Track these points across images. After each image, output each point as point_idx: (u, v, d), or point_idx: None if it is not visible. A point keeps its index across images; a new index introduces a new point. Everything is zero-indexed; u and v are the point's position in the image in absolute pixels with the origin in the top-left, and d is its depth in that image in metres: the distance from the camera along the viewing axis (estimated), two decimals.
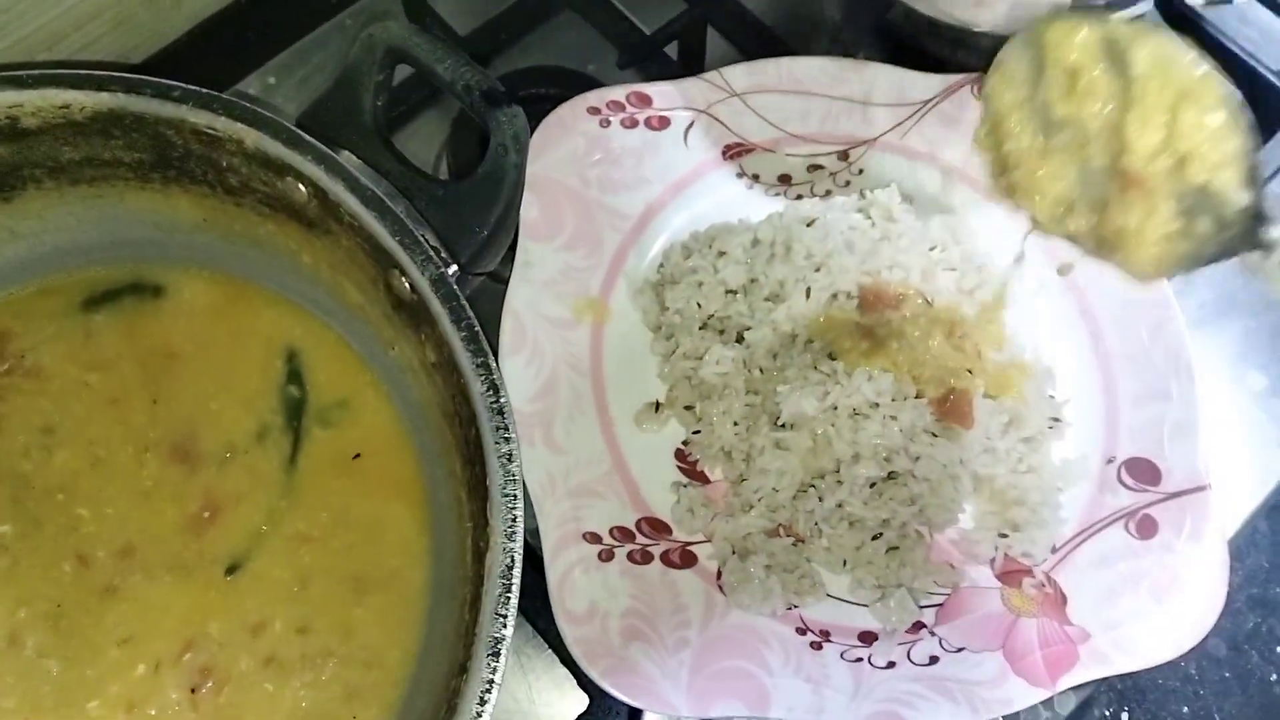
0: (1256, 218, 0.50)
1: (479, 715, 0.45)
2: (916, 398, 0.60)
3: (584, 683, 0.62)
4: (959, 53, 0.72)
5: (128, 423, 0.61)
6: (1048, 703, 0.63)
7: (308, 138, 0.54)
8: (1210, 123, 0.50)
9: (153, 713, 0.56)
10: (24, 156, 0.58)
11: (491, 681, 0.46)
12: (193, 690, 0.56)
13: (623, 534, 0.60)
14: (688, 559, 0.60)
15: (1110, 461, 0.63)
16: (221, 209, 0.61)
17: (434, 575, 0.58)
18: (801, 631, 0.59)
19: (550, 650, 0.63)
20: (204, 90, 0.55)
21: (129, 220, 0.62)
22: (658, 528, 0.61)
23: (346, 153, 0.56)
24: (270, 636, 0.57)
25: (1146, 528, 0.61)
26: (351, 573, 0.59)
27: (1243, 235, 0.50)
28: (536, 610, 0.61)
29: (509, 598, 0.47)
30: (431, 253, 0.53)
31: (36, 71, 0.56)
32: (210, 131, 0.56)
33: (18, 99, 0.55)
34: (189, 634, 0.57)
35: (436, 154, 0.75)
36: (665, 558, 0.60)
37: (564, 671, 0.63)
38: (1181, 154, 0.51)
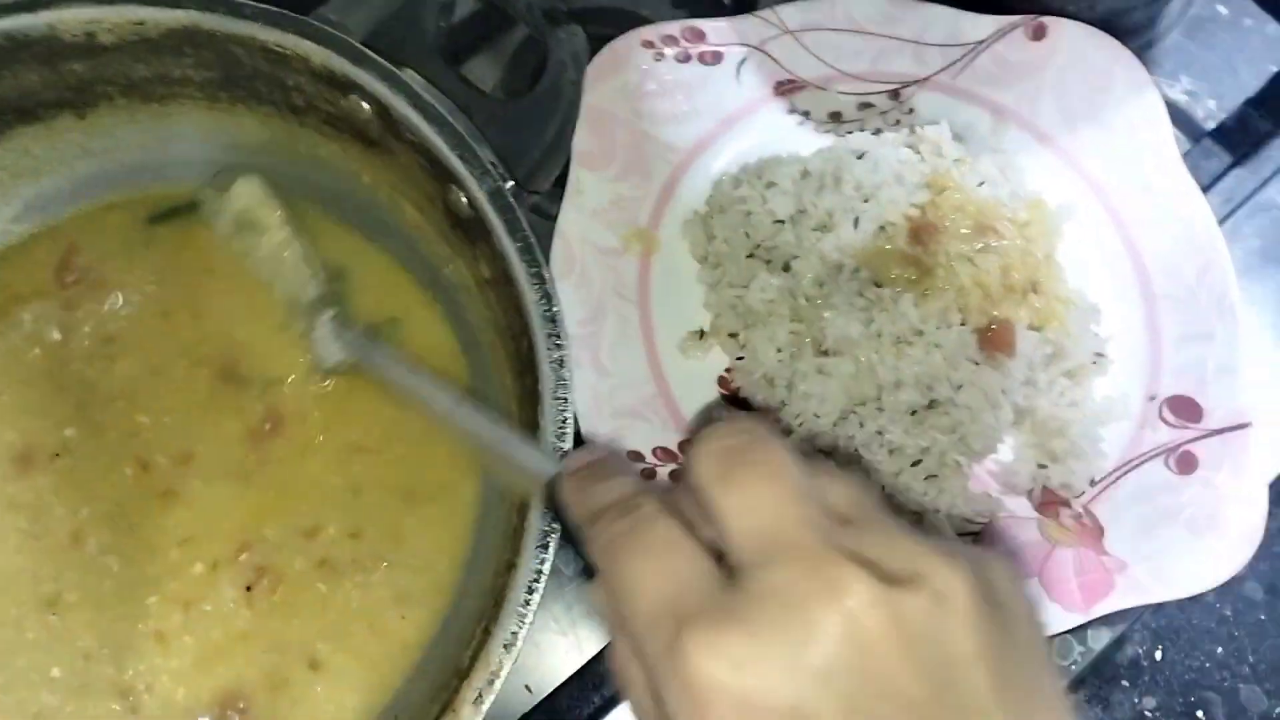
0: None
1: (527, 603, 0.47)
2: (961, 324, 0.61)
3: None
4: None
5: (178, 337, 0.64)
6: (1081, 638, 0.64)
7: (373, 55, 0.56)
8: None
9: (209, 609, 0.58)
10: (99, 73, 0.60)
11: (540, 572, 0.47)
12: (248, 588, 0.59)
13: (665, 454, 0.61)
14: None
15: (1152, 399, 0.64)
16: (286, 129, 0.63)
17: (483, 487, 0.60)
18: None
19: (587, 576, 0.64)
20: (274, 8, 0.57)
21: (197, 139, 0.64)
22: None
23: (410, 71, 0.57)
24: (324, 540, 0.60)
25: (1186, 463, 0.61)
26: (403, 484, 0.61)
27: None
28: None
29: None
30: (489, 168, 0.54)
31: None
32: (279, 49, 0.57)
33: (96, 15, 0.57)
34: (245, 537, 0.60)
35: (494, 86, 0.77)
36: None
37: None
38: None
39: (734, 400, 0.65)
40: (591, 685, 0.63)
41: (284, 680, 0.57)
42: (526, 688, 0.63)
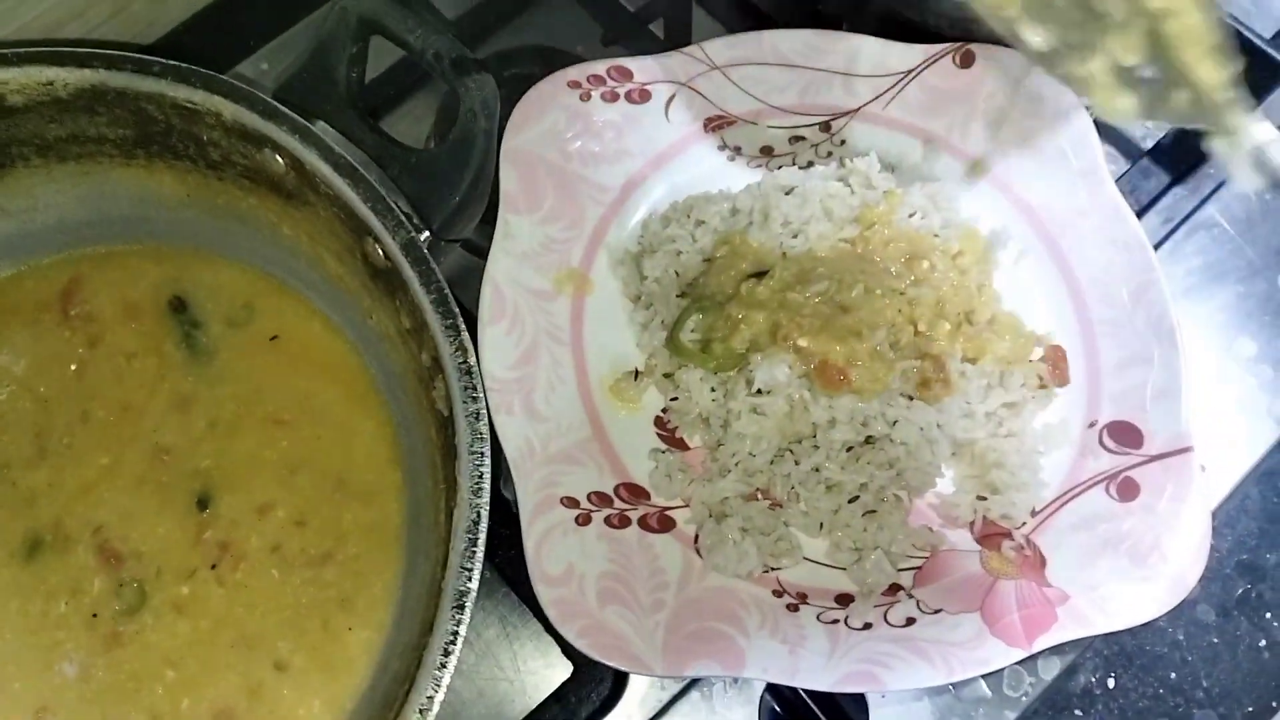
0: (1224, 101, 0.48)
1: (442, 667, 0.46)
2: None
3: (569, 651, 0.63)
4: (940, 23, 0.72)
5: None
6: (1031, 668, 0.63)
7: (283, 109, 0.56)
8: None
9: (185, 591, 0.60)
10: (11, 134, 0.60)
11: (455, 634, 0.47)
12: (212, 566, 0.60)
13: (600, 499, 0.61)
14: (665, 523, 0.61)
15: (1092, 425, 0.63)
16: (204, 184, 0.62)
17: (410, 538, 0.60)
18: (778, 594, 0.59)
19: (536, 619, 0.63)
20: (182, 65, 0.57)
21: (116, 197, 0.64)
22: (636, 493, 0.62)
23: (322, 123, 0.57)
24: (274, 522, 0.61)
25: (1128, 490, 0.61)
26: (333, 469, 0.62)
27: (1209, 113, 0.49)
28: (522, 580, 0.61)
29: (474, 551, 0.48)
30: (403, 218, 0.54)
31: (20, 50, 0.57)
32: (189, 105, 0.57)
33: (3, 76, 0.57)
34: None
35: (426, 135, 0.76)
36: (643, 522, 0.61)
37: (549, 640, 0.64)
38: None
39: (670, 440, 0.64)
40: None
41: (259, 684, 0.58)
42: None
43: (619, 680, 0.62)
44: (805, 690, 0.59)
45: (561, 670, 0.63)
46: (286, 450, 0.62)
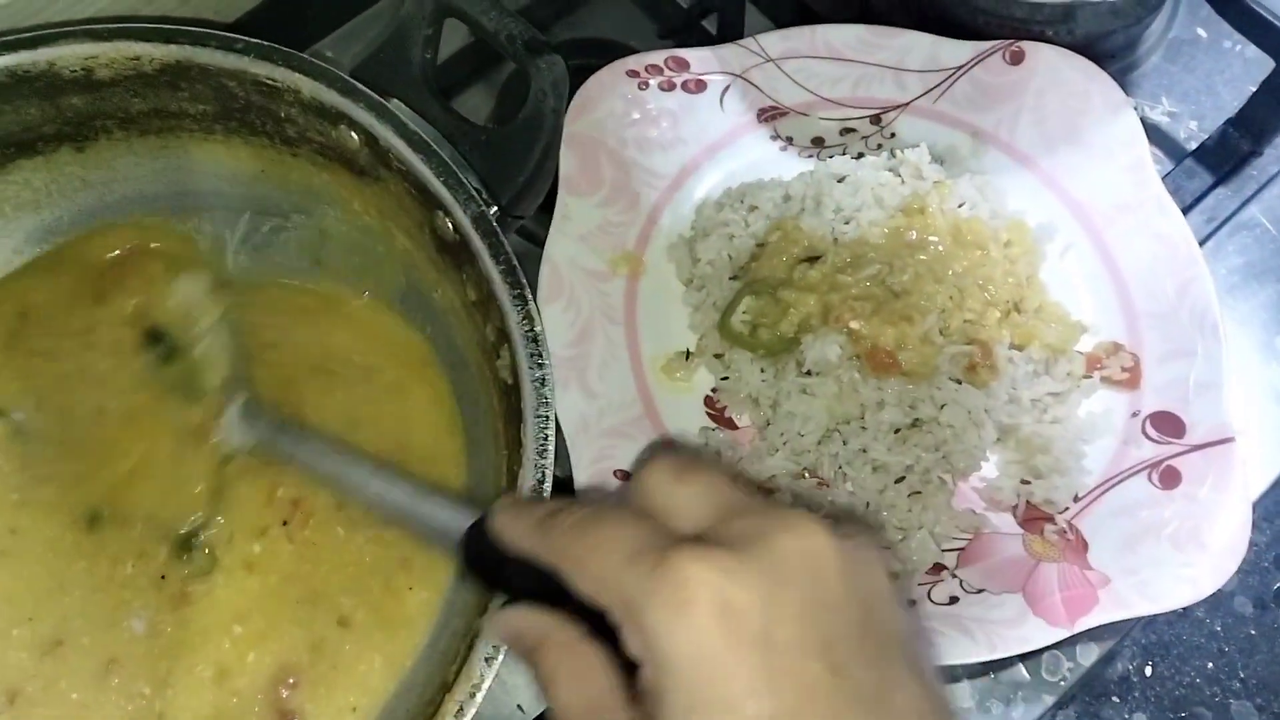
0: None
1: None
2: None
3: None
4: (990, 22, 0.73)
5: None
6: (1070, 654, 0.65)
7: (360, 86, 0.58)
8: None
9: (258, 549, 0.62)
10: (98, 107, 0.62)
11: None
12: (284, 523, 0.61)
13: None
14: None
15: (1135, 415, 0.64)
16: (279, 159, 0.64)
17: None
18: None
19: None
20: (265, 43, 0.59)
21: (192, 171, 0.66)
22: None
23: (396, 101, 0.59)
24: None
25: (1169, 478, 0.62)
26: (393, 432, 0.64)
27: None
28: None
29: None
30: (474, 193, 0.56)
31: (110, 25, 0.60)
32: (270, 82, 0.59)
33: (93, 51, 0.59)
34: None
35: (487, 118, 0.79)
36: None
37: None
38: None
39: (720, 420, 0.66)
40: None
41: (322, 640, 0.59)
42: (519, 707, 0.63)
43: None
44: None
45: None
46: (343, 403, 0.64)
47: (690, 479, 0.41)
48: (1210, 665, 0.64)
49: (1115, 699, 0.64)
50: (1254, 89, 0.76)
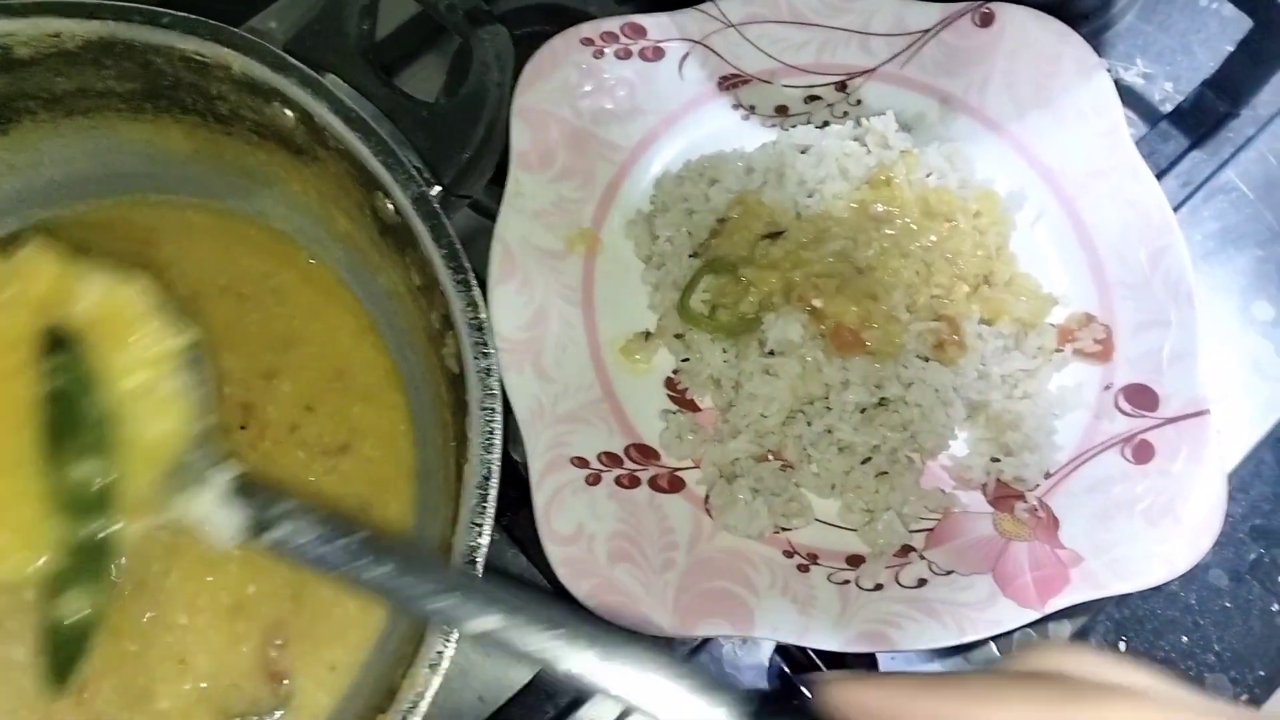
0: None
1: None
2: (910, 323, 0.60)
3: None
4: None
5: None
6: (1042, 631, 0.63)
7: (293, 61, 0.55)
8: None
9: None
10: (18, 88, 0.59)
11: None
12: (241, 427, 0.60)
13: (610, 459, 0.60)
14: (675, 484, 0.61)
15: (1107, 388, 0.62)
16: (212, 139, 0.61)
17: (421, 493, 0.59)
18: (789, 554, 0.59)
19: (546, 582, 0.63)
20: (191, 16, 0.56)
21: (123, 152, 0.63)
22: (646, 453, 0.61)
23: (332, 76, 0.56)
24: (283, 396, 0.61)
25: (1143, 452, 0.60)
26: (327, 362, 0.62)
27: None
28: (530, 540, 0.61)
29: (484, 508, 0.48)
30: (414, 172, 0.53)
31: (27, 1, 0.56)
32: (198, 58, 0.56)
33: (10, 28, 0.56)
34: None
35: (438, 92, 0.75)
36: (653, 483, 0.60)
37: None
38: None
39: (681, 401, 0.64)
40: (545, 695, 0.62)
41: (300, 585, 0.57)
42: (479, 698, 0.62)
43: None
44: (815, 652, 0.58)
45: None
46: (269, 322, 0.62)
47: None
48: (1185, 639, 0.63)
49: None
50: (1231, 49, 0.74)
